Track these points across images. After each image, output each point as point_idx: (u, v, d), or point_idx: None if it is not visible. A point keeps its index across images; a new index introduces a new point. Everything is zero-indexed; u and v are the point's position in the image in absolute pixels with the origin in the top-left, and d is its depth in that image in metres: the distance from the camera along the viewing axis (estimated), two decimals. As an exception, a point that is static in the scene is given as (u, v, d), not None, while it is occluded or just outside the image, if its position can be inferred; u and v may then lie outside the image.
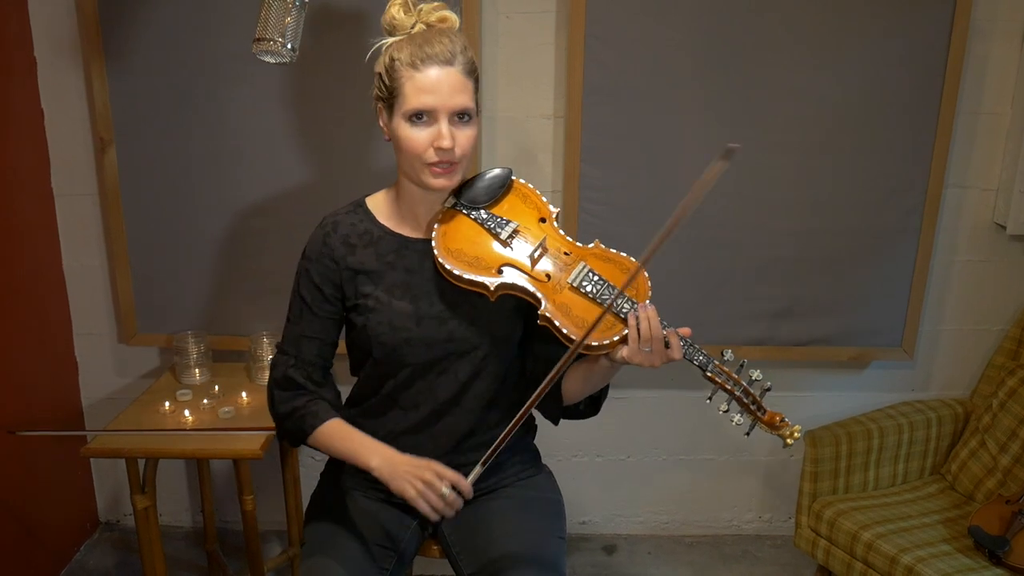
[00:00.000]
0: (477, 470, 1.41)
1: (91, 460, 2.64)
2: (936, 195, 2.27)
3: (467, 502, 1.61)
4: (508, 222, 1.46)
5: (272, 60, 1.79)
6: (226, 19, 2.15)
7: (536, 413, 1.63)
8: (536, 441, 1.73)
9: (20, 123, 2.26)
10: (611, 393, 1.60)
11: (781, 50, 2.17)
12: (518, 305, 1.50)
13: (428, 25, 1.43)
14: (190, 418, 2.07)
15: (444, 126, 1.37)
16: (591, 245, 1.47)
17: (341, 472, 1.65)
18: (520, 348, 1.59)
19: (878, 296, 2.36)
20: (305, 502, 1.92)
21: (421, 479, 1.40)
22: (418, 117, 1.38)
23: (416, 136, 1.38)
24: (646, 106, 2.22)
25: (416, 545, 1.65)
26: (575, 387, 1.51)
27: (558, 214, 1.49)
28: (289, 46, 1.76)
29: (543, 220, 1.48)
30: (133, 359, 2.54)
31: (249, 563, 2.13)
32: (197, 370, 2.28)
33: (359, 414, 1.60)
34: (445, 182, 1.41)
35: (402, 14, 1.42)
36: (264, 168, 2.27)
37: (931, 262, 2.35)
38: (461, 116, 1.39)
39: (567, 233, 1.47)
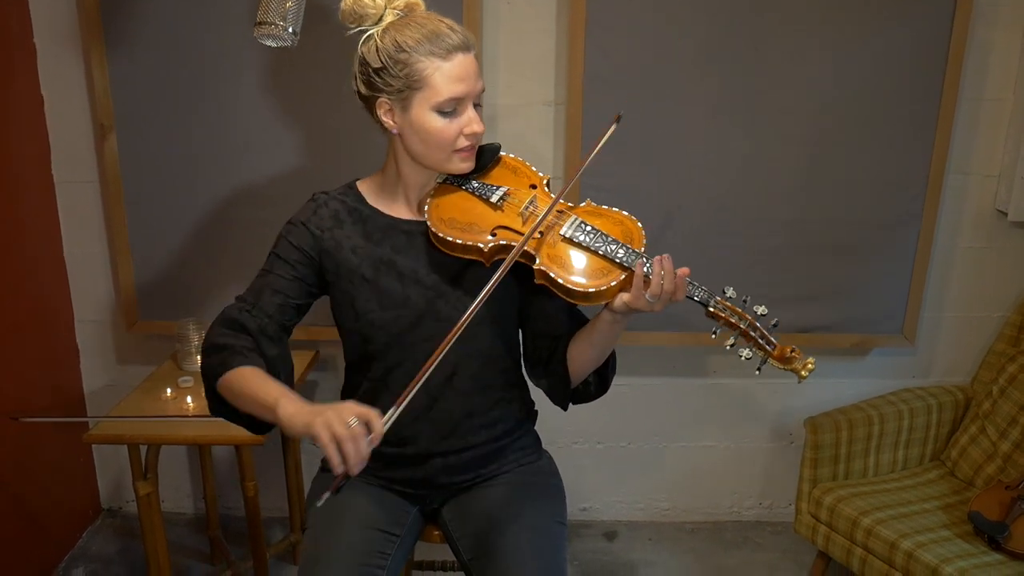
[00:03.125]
0: (393, 412, 1.26)
1: (93, 447, 2.65)
2: (938, 182, 2.27)
3: (468, 488, 1.61)
4: (498, 188, 1.48)
5: (273, 44, 1.79)
6: (227, 6, 2.14)
7: (543, 399, 1.62)
8: (536, 428, 1.73)
9: (21, 110, 2.25)
10: (612, 379, 1.59)
11: (783, 37, 2.16)
12: (511, 283, 1.49)
13: (401, 11, 1.41)
14: (192, 404, 2.08)
15: (472, 111, 1.41)
16: (583, 204, 1.48)
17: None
18: (520, 331, 1.60)
19: (880, 283, 2.36)
20: (307, 488, 1.93)
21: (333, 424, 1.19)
22: (449, 107, 1.38)
23: (447, 126, 1.40)
24: (647, 93, 2.21)
25: (417, 531, 1.66)
26: (582, 351, 1.50)
27: (548, 181, 1.51)
28: (290, 30, 1.76)
29: (533, 186, 1.50)
30: (134, 346, 2.54)
31: (251, 549, 2.14)
32: (198, 357, 2.28)
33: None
34: (472, 163, 1.46)
35: (371, 0, 1.39)
36: (265, 155, 2.27)
37: (932, 249, 2.35)
38: (476, 100, 1.43)
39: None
